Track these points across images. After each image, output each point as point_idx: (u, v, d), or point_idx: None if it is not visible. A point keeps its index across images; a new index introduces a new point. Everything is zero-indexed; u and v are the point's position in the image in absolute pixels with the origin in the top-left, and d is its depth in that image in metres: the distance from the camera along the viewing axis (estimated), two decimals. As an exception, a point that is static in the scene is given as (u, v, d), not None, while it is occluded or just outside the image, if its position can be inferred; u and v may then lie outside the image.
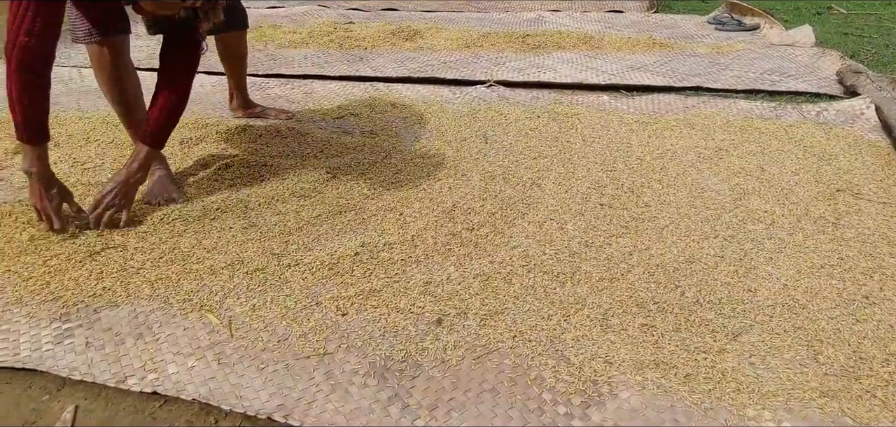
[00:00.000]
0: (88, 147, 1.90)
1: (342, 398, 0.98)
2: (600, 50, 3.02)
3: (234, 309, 1.18)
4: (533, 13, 3.99)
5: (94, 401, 0.99)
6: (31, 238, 1.39)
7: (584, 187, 1.63)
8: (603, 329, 1.12)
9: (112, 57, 1.55)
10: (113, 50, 1.55)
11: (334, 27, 3.54)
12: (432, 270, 1.29)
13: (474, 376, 1.01)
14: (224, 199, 1.56)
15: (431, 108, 2.25)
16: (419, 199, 1.57)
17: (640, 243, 1.38)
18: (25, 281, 1.25)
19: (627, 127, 2.06)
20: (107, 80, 1.59)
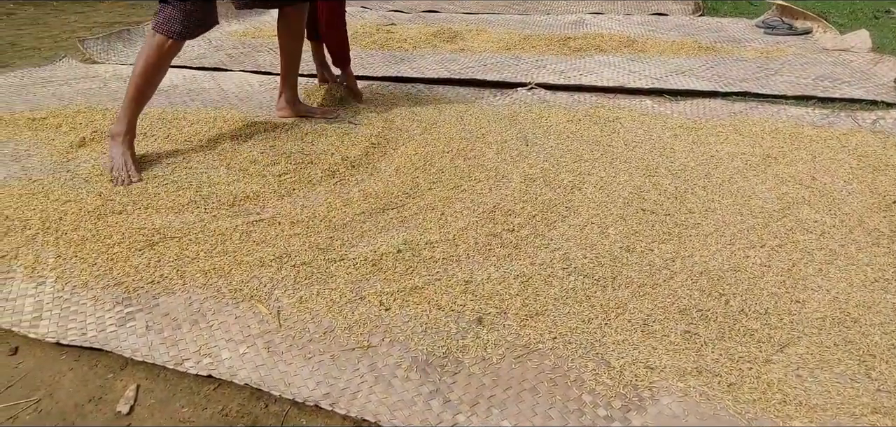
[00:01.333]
0: (146, 141, 1.99)
1: (385, 390, 1.01)
2: (643, 53, 2.99)
3: (282, 300, 1.23)
4: (574, 16, 3.97)
5: (154, 381, 1.05)
6: (96, 226, 1.48)
7: (625, 192, 1.62)
8: (644, 334, 1.11)
9: (175, 52, 1.78)
10: (180, 47, 1.78)
11: (376, 29, 3.60)
12: (473, 270, 1.31)
13: (515, 375, 1.03)
14: (271, 195, 1.62)
15: (472, 109, 2.27)
16: (460, 200, 1.60)
17: (683, 250, 1.37)
18: (90, 266, 1.33)
19: (671, 132, 2.03)
20: (155, 69, 1.78)
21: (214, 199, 1.60)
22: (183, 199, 1.60)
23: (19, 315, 1.19)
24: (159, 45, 1.72)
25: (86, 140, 1.99)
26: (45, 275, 1.31)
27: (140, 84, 1.76)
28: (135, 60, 1.80)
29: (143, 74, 1.76)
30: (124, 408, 0.99)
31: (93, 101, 2.41)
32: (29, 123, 2.15)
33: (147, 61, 1.74)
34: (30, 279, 1.29)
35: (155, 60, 1.75)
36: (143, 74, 1.76)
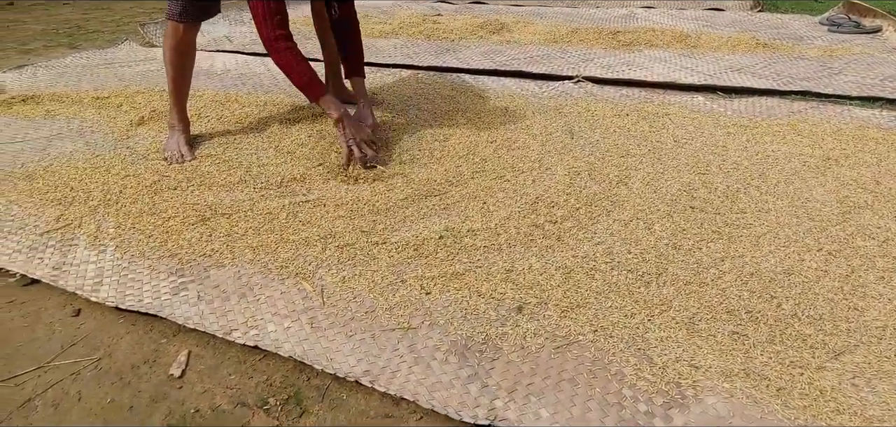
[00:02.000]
0: (200, 122, 2.07)
1: (424, 371, 1.02)
2: (696, 49, 2.89)
3: (326, 279, 1.26)
4: (624, 9, 3.88)
5: (204, 348, 1.10)
6: (152, 200, 1.55)
7: (674, 189, 1.58)
8: (689, 333, 1.08)
9: (187, 36, 1.79)
10: (188, 30, 1.78)
11: (423, 19, 3.62)
12: (514, 259, 1.30)
13: (554, 365, 1.02)
14: (317, 178, 1.66)
15: (517, 101, 2.25)
16: (503, 190, 1.59)
17: (734, 250, 1.32)
18: (147, 238, 1.40)
19: (723, 130, 1.96)
20: (177, 53, 1.81)
21: (263, 179, 1.65)
22: (233, 179, 1.66)
23: (82, 279, 1.26)
24: (172, 32, 1.77)
25: (144, 119, 2.09)
26: (105, 244, 1.38)
27: (170, 72, 1.84)
28: None
29: (169, 62, 1.82)
30: (176, 371, 1.04)
31: (151, 82, 2.52)
32: (93, 102, 2.27)
33: (167, 49, 1.81)
34: (92, 247, 1.37)
35: (172, 46, 1.79)
36: (169, 62, 1.82)
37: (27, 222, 1.46)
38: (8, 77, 2.60)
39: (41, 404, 0.98)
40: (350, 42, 1.96)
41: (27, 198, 1.57)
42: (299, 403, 0.98)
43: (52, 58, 2.91)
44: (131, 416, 0.96)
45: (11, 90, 2.42)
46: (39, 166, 1.74)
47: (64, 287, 1.24)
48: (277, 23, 1.63)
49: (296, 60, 1.67)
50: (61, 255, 1.34)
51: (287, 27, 1.66)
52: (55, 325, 1.15)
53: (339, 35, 1.98)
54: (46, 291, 1.24)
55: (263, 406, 0.98)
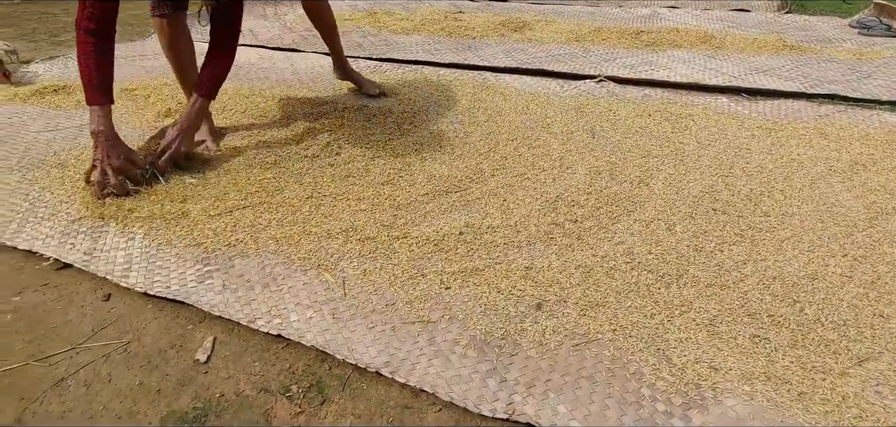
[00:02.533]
0: (224, 115, 2.11)
1: (443, 364, 1.03)
2: (721, 50, 2.85)
3: (348, 271, 1.28)
4: (648, 9, 3.84)
5: (229, 335, 1.12)
6: (180, 193, 1.58)
7: (696, 190, 1.57)
8: (709, 334, 1.08)
9: (170, 28, 1.80)
10: (171, 22, 1.80)
11: (444, 16, 3.63)
12: (534, 256, 1.31)
13: (572, 362, 1.03)
14: (338, 173, 1.68)
15: (538, 99, 2.25)
16: (523, 187, 1.60)
17: (756, 253, 1.31)
18: (174, 227, 1.43)
19: (748, 132, 1.94)
20: (165, 47, 1.85)
21: (285, 172, 1.68)
22: (256, 171, 1.69)
23: (112, 265, 1.30)
24: (156, 26, 1.82)
25: (171, 110, 2.13)
26: (134, 231, 1.42)
27: (172, 67, 1.91)
28: None
29: (166, 57, 1.88)
30: (202, 356, 1.07)
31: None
32: (121, 93, 2.32)
33: (161, 44, 1.86)
34: (121, 234, 1.41)
35: (161, 40, 1.84)
36: (166, 57, 1.88)
37: (59, 209, 1.50)
38: (40, 67, 2.68)
39: (73, 384, 1.02)
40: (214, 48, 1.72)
41: (59, 185, 1.61)
42: (321, 392, 1.00)
43: (82, 49, 2.98)
44: (159, 399, 0.99)
45: (43, 80, 2.49)
46: (71, 155, 1.80)
47: (95, 272, 1.28)
48: (88, 15, 1.51)
49: (84, 54, 1.52)
50: (92, 242, 1.38)
51: (98, 22, 1.52)
52: (87, 308, 1.19)
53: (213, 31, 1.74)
54: (78, 276, 1.28)
55: (286, 393, 1.00)
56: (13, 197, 1.56)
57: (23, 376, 1.03)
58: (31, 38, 3.31)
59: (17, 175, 1.66)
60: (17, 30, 3.52)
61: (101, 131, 1.55)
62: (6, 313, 1.17)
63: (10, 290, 1.24)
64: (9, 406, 0.97)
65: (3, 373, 1.03)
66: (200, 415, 0.96)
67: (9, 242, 1.37)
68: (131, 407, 0.97)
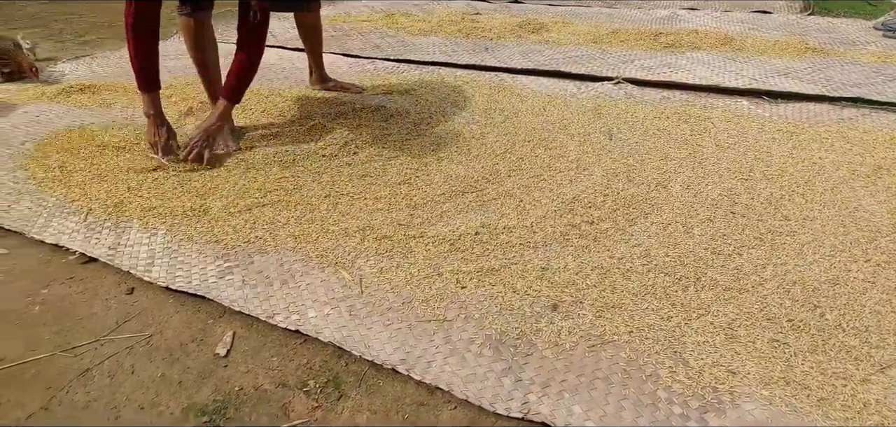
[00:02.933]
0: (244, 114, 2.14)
1: (459, 363, 1.04)
2: (741, 52, 2.82)
3: (364, 269, 1.29)
4: (667, 11, 3.80)
5: (248, 330, 1.14)
6: (200, 190, 1.61)
7: (714, 193, 1.56)
8: (727, 338, 1.07)
9: (196, 28, 1.90)
10: (198, 23, 1.90)
11: (461, 17, 3.64)
12: (549, 257, 1.31)
13: (588, 363, 1.03)
14: (356, 172, 1.70)
15: (555, 101, 2.25)
16: (539, 188, 1.60)
17: (776, 258, 1.29)
18: (195, 223, 1.46)
19: (768, 135, 1.91)
20: (191, 47, 1.94)
21: (304, 170, 1.70)
22: (275, 169, 1.71)
23: (136, 260, 1.33)
24: (183, 26, 1.92)
25: (193, 110, 2.17)
26: (156, 227, 1.45)
27: (194, 62, 1.98)
28: None
29: (191, 56, 1.97)
30: (222, 350, 1.09)
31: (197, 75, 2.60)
32: (146, 92, 2.37)
33: (187, 44, 1.96)
34: (144, 229, 1.44)
35: (187, 40, 1.94)
36: (191, 56, 1.97)
37: (85, 204, 1.54)
38: (67, 67, 2.74)
39: (98, 374, 1.04)
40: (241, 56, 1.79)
41: (85, 181, 1.65)
42: (338, 387, 1.01)
43: (107, 50, 3.05)
44: (180, 391, 1.01)
45: (70, 79, 2.55)
46: (97, 152, 1.83)
47: (119, 266, 1.31)
48: (133, 11, 1.62)
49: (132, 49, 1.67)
50: (116, 237, 1.41)
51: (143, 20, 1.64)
52: (111, 301, 1.22)
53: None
54: (103, 269, 1.31)
55: (303, 388, 1.01)
56: (41, 192, 1.60)
57: (50, 366, 1.06)
58: (58, 39, 3.39)
59: (43, 171, 1.71)
60: (45, 30, 3.61)
61: (152, 113, 1.75)
62: (35, 305, 1.21)
63: (39, 282, 1.27)
64: (36, 394, 1.00)
65: (32, 362, 1.06)
66: (220, 407, 0.98)
67: (37, 236, 1.41)
68: (154, 398, 1.00)
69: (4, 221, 1.47)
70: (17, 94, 2.35)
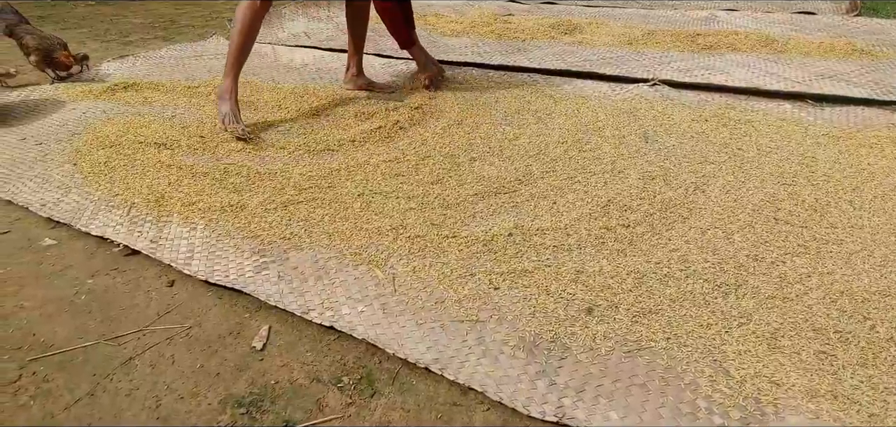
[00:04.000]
0: (280, 112, 2.18)
1: (492, 364, 1.03)
2: (783, 54, 2.74)
3: (397, 267, 1.29)
4: (705, 12, 3.72)
5: (284, 325, 1.16)
6: (236, 183, 1.65)
7: (756, 199, 1.51)
8: (770, 348, 1.04)
9: (261, 15, 2.05)
10: (265, 8, 2.05)
11: (494, 18, 3.63)
12: (584, 260, 1.29)
13: (624, 369, 1.01)
14: (389, 171, 1.71)
15: (589, 102, 2.22)
16: (573, 190, 1.58)
17: (822, 266, 1.25)
18: (232, 219, 1.49)
19: (813, 139, 1.85)
20: (252, 30, 2.05)
21: (337, 169, 1.72)
22: (309, 166, 1.73)
23: (176, 253, 1.36)
24: (249, 8, 2.02)
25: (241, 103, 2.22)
26: (196, 222, 1.48)
27: (242, 44, 2.05)
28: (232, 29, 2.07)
29: (247, 37, 2.04)
30: (258, 344, 1.11)
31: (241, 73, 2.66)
32: (185, 91, 2.43)
33: (247, 26, 2.03)
34: (184, 224, 1.47)
35: (248, 21, 2.03)
36: (247, 37, 2.04)
37: (128, 198, 1.59)
38: (111, 66, 2.84)
39: (140, 364, 1.07)
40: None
41: (129, 176, 1.71)
42: (371, 384, 1.02)
43: (149, 49, 3.15)
44: (218, 382, 1.03)
45: (114, 78, 2.64)
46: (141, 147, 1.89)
47: (160, 259, 1.34)
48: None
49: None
50: (158, 230, 1.45)
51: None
52: (152, 293, 1.26)
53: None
54: (145, 262, 1.35)
55: (337, 384, 1.02)
56: (87, 185, 1.66)
57: (95, 354, 1.09)
58: (104, 39, 3.51)
59: (90, 165, 1.77)
60: (91, 31, 3.75)
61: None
62: (81, 294, 1.25)
63: (85, 273, 1.32)
64: (83, 381, 1.03)
65: (79, 349, 1.10)
66: (256, 400, 1.00)
67: (83, 229, 1.46)
68: (193, 388, 1.02)
69: (54, 213, 1.53)
70: (65, 92, 2.44)
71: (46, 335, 1.14)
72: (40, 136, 2.02)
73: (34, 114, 2.23)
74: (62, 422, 0.96)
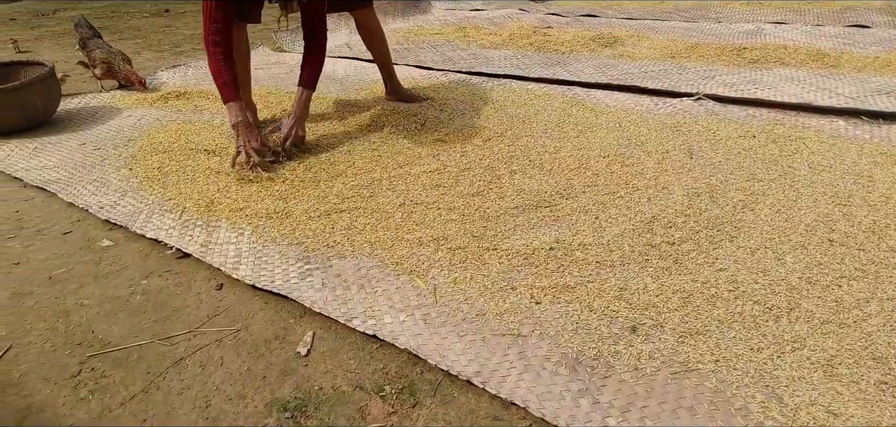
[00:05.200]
0: (322, 122, 2.23)
1: (534, 380, 1.02)
2: (836, 69, 2.64)
3: (438, 279, 1.30)
4: (752, 24, 3.63)
5: (327, 331, 1.18)
6: (283, 194, 1.69)
7: (808, 219, 1.46)
8: (827, 376, 1.00)
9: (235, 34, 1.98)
10: (236, 29, 2.01)
11: (533, 30, 3.62)
12: (628, 277, 1.27)
13: (671, 390, 0.99)
14: (429, 182, 1.73)
15: (631, 116, 2.19)
16: (616, 206, 1.56)
17: (882, 291, 1.19)
18: (278, 226, 1.53)
19: (869, 158, 1.78)
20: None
21: (379, 178, 1.74)
22: (352, 176, 1.77)
23: (225, 258, 1.41)
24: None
25: (276, 117, 2.28)
26: (243, 227, 1.53)
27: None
28: None
29: None
30: (303, 349, 1.13)
31: (281, 84, 2.75)
32: (233, 100, 2.51)
33: None
34: (232, 230, 1.52)
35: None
36: None
37: (180, 203, 1.65)
38: (164, 75, 2.96)
39: (191, 364, 1.11)
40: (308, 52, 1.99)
41: (181, 181, 1.77)
42: (413, 394, 1.02)
43: (199, 59, 3.27)
44: (264, 386, 1.06)
45: (167, 87, 2.75)
46: (192, 154, 1.97)
47: (210, 263, 1.39)
48: (213, 29, 1.80)
49: (215, 63, 1.82)
50: (207, 235, 1.50)
51: (221, 34, 1.81)
52: (202, 295, 1.30)
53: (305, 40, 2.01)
54: (195, 265, 1.40)
55: (379, 392, 1.03)
56: (142, 189, 1.73)
57: (150, 352, 1.14)
58: (157, 49, 3.67)
59: (144, 171, 1.85)
60: (145, 41, 3.92)
61: (240, 121, 1.84)
62: (136, 295, 1.30)
63: (140, 274, 1.38)
64: (138, 378, 1.08)
65: (134, 348, 1.15)
66: (301, 405, 1.01)
67: (139, 231, 1.53)
68: (240, 390, 1.05)
69: (112, 216, 1.60)
70: (121, 100, 2.56)
71: (104, 332, 1.19)
72: (99, 141, 2.12)
73: (93, 120, 2.34)
74: (118, 417, 1.00)
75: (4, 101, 2.12)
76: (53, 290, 1.33)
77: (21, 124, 2.20)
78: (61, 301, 1.29)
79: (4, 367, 1.11)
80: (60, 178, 1.84)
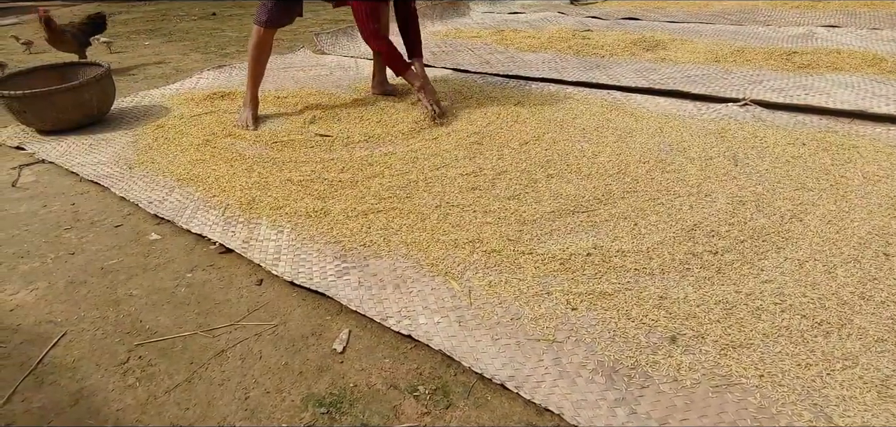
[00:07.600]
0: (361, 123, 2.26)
1: (569, 386, 1.01)
2: (893, 75, 2.51)
3: (473, 281, 1.30)
4: (802, 28, 3.49)
5: (363, 330, 1.20)
6: (321, 189, 1.72)
7: (862, 231, 1.39)
8: (881, 397, 0.95)
9: (267, 39, 2.29)
10: (273, 34, 2.30)
11: (572, 34, 3.58)
12: (668, 286, 1.24)
13: (712, 404, 0.96)
14: (465, 184, 1.73)
15: (672, 122, 2.14)
16: (656, 212, 1.52)
17: (942, 310, 1.13)
18: (317, 224, 1.56)
19: (930, 169, 1.68)
20: (263, 54, 2.30)
21: (415, 180, 1.75)
22: (388, 177, 1.78)
23: (265, 254, 1.44)
24: (256, 34, 2.27)
25: (316, 118, 2.33)
26: (283, 225, 1.56)
27: (250, 65, 2.31)
28: None
29: (251, 57, 2.30)
30: (339, 346, 1.15)
31: (321, 86, 2.80)
32: (274, 101, 2.58)
33: (251, 46, 2.30)
34: (272, 227, 1.56)
35: (255, 44, 2.28)
36: (251, 57, 2.30)
37: (223, 200, 1.70)
38: (211, 75, 3.06)
39: (231, 356, 1.14)
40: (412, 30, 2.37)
41: (224, 179, 1.83)
42: (446, 396, 1.03)
43: (243, 61, 3.37)
44: (300, 380, 1.08)
45: (213, 87, 2.84)
46: (235, 151, 2.02)
47: (251, 258, 1.43)
48: (374, 19, 2.14)
49: (388, 46, 2.20)
50: (249, 232, 1.54)
51: (380, 22, 2.19)
52: (243, 290, 1.34)
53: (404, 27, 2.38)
54: (237, 260, 1.44)
55: (413, 392, 1.04)
56: (187, 186, 1.79)
57: (193, 343, 1.18)
58: (204, 51, 3.79)
59: (190, 167, 1.91)
60: (193, 43, 4.06)
61: (424, 82, 2.26)
62: (181, 287, 1.35)
63: (185, 267, 1.43)
64: (181, 368, 1.11)
65: (179, 338, 1.19)
66: (336, 401, 1.03)
67: (184, 225, 1.58)
68: (278, 384, 1.07)
69: (159, 210, 1.66)
70: (170, 99, 2.66)
71: (151, 322, 1.24)
72: (148, 138, 2.21)
73: (144, 118, 2.44)
74: (163, 404, 1.04)
75: (63, 100, 2.23)
76: (105, 280, 1.39)
77: (78, 122, 2.31)
78: (112, 291, 1.35)
79: (60, 352, 1.17)
80: (112, 173, 1.92)
